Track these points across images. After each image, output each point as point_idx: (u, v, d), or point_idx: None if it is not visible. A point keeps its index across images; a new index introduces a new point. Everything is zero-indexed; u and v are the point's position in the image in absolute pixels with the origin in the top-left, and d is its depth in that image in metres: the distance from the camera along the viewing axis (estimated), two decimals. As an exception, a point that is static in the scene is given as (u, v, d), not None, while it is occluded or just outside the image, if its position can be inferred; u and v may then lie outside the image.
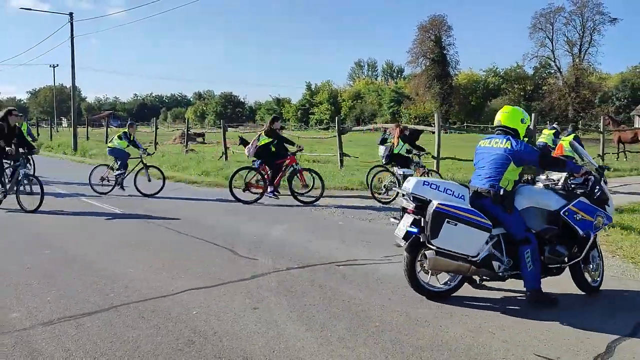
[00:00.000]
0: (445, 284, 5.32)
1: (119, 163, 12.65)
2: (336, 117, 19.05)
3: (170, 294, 5.31)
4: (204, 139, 39.19)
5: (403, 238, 5.10)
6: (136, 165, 12.75)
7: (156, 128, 29.12)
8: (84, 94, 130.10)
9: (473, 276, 5.24)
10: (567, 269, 5.32)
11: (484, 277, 5.23)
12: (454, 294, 5.27)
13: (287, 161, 11.44)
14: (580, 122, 57.49)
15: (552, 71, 71.37)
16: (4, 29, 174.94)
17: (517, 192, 5.21)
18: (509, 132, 5.21)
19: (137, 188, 12.39)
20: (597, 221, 5.24)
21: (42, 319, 4.63)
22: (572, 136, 12.84)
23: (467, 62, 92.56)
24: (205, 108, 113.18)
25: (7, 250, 7.18)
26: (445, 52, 71.01)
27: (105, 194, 12.23)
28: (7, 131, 10.06)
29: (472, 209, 4.96)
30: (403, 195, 5.22)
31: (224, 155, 21.67)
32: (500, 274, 5.11)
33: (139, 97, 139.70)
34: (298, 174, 11.54)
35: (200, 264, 6.43)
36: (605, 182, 5.59)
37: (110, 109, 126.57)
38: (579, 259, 5.21)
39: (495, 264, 5.09)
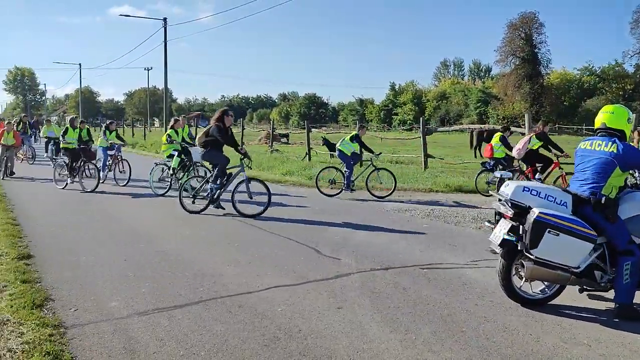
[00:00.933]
0: (541, 291, 5.09)
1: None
2: (420, 118, 18.79)
3: (257, 290, 5.44)
4: (287, 140, 39.86)
5: (499, 245, 4.91)
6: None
7: (242, 128, 29.96)
8: (175, 95, 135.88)
9: (573, 285, 4.94)
10: None
11: (586, 288, 4.94)
12: (549, 304, 5.04)
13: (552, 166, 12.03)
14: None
15: (655, 69, 66.72)
16: (105, 34, 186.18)
17: (623, 199, 4.85)
18: (614, 133, 4.84)
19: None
20: None
21: (137, 309, 4.88)
22: None
23: (560, 60, 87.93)
24: (289, 109, 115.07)
25: (106, 242, 7.63)
26: (536, 50, 68.08)
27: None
28: (223, 132, 9.92)
29: (576, 218, 4.65)
30: (500, 200, 5.01)
31: (307, 156, 21.94)
32: (603, 284, 4.82)
33: (226, 98, 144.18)
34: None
35: (285, 262, 6.54)
36: None
37: (199, 110, 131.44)
38: None
39: (598, 273, 4.81)
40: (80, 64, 62.93)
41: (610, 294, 4.98)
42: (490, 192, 10.54)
